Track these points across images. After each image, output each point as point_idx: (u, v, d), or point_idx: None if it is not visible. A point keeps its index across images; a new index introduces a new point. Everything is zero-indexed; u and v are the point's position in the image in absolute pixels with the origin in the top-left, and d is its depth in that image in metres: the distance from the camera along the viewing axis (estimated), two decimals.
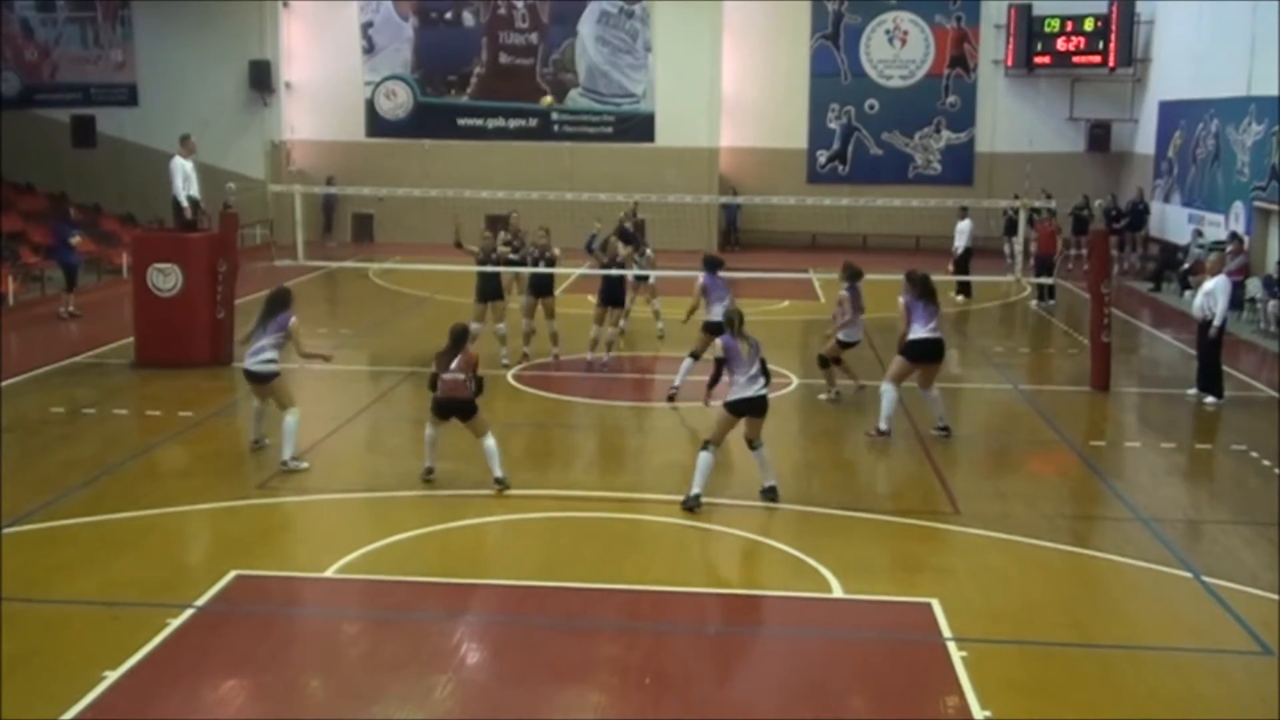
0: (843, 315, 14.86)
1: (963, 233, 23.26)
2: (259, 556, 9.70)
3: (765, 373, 11.04)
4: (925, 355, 13.44)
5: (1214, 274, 15.46)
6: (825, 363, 15.25)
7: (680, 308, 16.66)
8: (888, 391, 13.45)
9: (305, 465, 12.00)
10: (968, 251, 23.33)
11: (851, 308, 14.85)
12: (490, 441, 11.34)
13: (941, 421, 13.62)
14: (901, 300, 13.56)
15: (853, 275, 15.08)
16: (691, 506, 10.82)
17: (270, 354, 12.16)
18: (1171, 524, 10.87)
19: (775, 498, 11.08)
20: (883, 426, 13.38)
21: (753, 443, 11.14)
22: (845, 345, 15.04)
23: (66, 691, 7.27)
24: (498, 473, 11.27)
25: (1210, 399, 15.39)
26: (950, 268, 23.42)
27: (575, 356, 17.11)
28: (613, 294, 16.70)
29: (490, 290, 16.87)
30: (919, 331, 13.38)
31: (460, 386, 11.21)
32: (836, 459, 13.02)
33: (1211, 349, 15.43)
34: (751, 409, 10.97)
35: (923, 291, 13.45)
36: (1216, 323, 15.17)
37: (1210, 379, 15.52)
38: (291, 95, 32.27)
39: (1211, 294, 15.27)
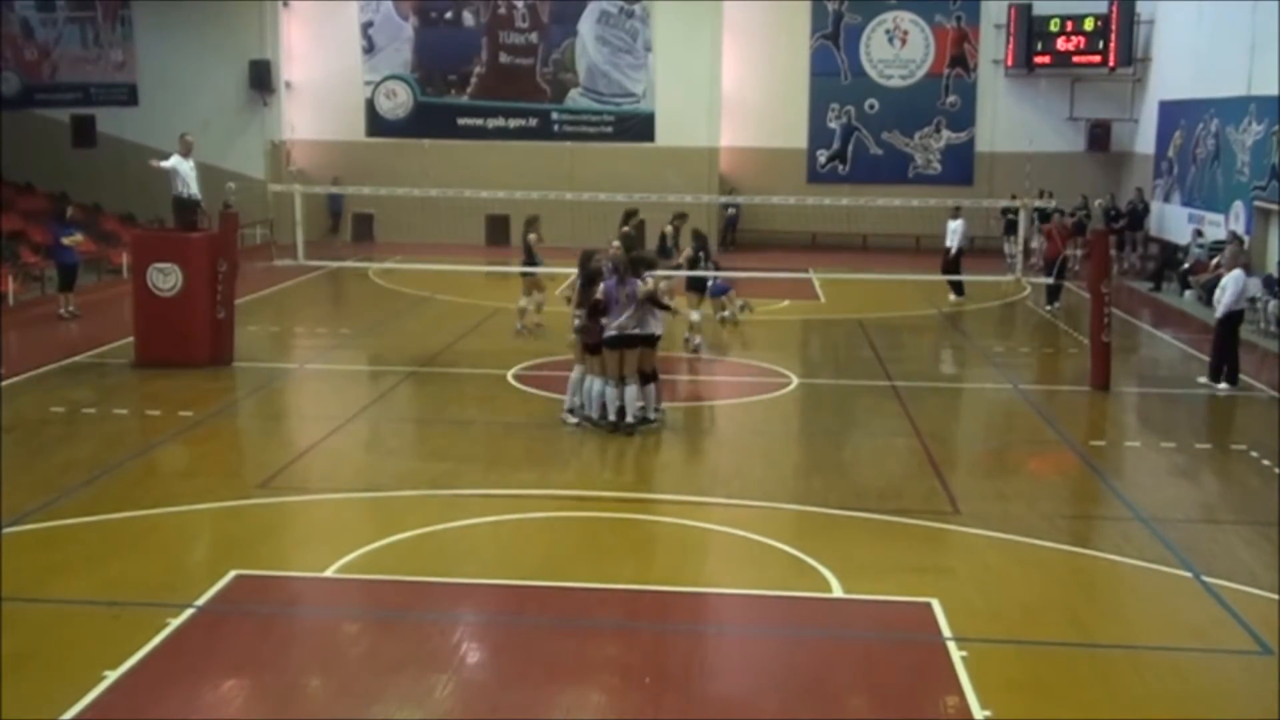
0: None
1: (955, 232, 23.22)
2: (259, 556, 9.69)
3: None
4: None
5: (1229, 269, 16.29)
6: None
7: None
8: None
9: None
10: (959, 252, 23.32)
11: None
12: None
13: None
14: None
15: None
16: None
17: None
18: (1171, 524, 10.86)
19: None
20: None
21: None
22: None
23: (66, 691, 7.26)
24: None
25: (1221, 385, 15.94)
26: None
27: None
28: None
29: None
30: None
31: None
32: (836, 459, 13.01)
33: (1220, 338, 16.00)
34: None
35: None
36: (1218, 314, 15.82)
37: (1217, 367, 16.11)
38: (291, 95, 32.25)
39: (1224, 287, 15.96)
